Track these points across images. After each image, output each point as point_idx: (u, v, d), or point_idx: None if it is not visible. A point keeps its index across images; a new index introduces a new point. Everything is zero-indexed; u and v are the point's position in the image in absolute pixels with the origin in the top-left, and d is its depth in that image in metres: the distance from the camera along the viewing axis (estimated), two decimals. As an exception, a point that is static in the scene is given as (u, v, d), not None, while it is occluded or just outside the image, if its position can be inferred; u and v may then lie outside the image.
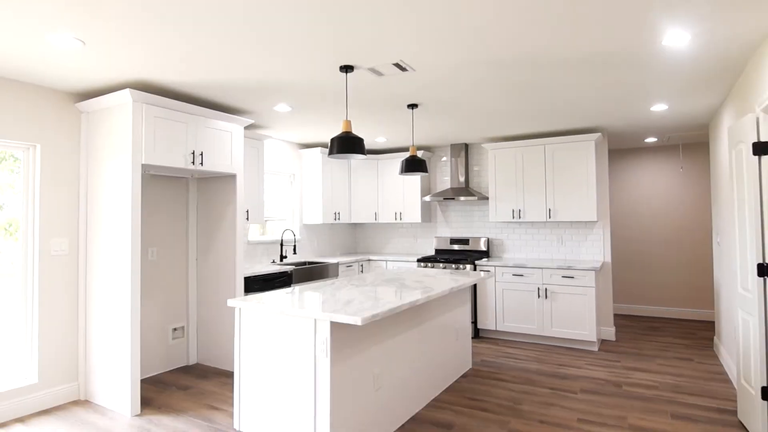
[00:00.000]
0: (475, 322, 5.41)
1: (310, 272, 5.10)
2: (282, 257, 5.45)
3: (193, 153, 3.73)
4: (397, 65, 3.03)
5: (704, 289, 6.19)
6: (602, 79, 3.37)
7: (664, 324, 6.04)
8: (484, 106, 4.12)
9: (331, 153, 2.97)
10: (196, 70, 3.14)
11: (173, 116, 3.61)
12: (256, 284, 4.42)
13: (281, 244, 5.47)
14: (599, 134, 5.05)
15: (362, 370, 2.72)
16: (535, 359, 4.55)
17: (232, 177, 4.24)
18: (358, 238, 7.02)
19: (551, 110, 4.30)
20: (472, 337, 5.37)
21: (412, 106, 4.06)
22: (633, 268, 6.60)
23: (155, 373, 4.15)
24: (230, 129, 4.09)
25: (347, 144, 2.97)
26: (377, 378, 2.84)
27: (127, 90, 3.28)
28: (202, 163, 3.79)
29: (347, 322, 2.31)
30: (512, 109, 4.27)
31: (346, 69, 3.07)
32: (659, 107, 4.20)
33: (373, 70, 3.13)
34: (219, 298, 4.32)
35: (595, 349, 4.86)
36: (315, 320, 2.49)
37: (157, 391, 3.73)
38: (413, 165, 3.94)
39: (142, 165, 3.45)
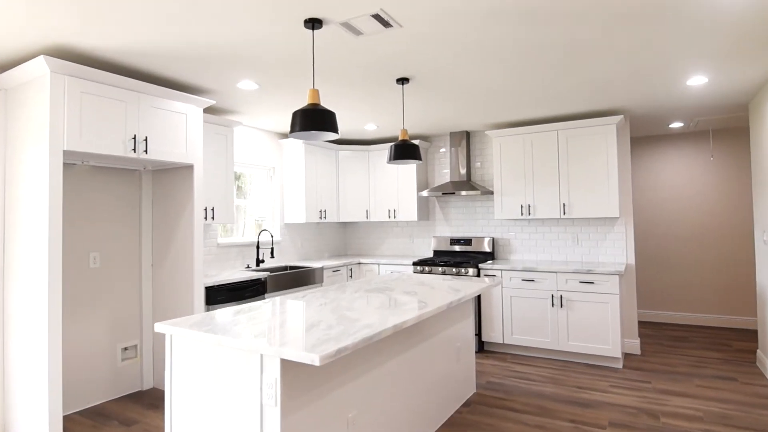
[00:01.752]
0: (479, 334, 4.73)
1: (289, 279, 4.43)
2: (258, 261, 4.79)
3: (135, 138, 3.07)
4: (378, 18, 2.36)
5: (741, 292, 5.50)
6: (630, 41, 2.69)
7: (692, 333, 5.35)
8: (485, 82, 3.44)
9: (293, 131, 2.30)
10: (126, 32, 2.47)
11: (108, 92, 2.94)
12: (220, 295, 3.75)
13: (257, 247, 4.80)
14: (621, 117, 4.36)
15: (331, 415, 2.05)
16: (550, 380, 3.87)
17: (188, 168, 3.58)
18: (348, 238, 6.35)
19: (565, 88, 3.61)
20: (477, 352, 4.70)
21: (402, 81, 3.38)
22: (655, 269, 5.90)
23: (98, 402, 3.48)
24: (185, 110, 3.42)
25: (313, 118, 2.30)
26: (353, 424, 2.17)
27: (41, 58, 2.62)
28: (146, 151, 3.13)
29: (301, 361, 1.65)
30: (518, 87, 3.58)
31: (313, 24, 2.40)
32: (697, 80, 3.51)
33: (348, 26, 2.46)
34: (178, 311, 3.65)
35: (620, 366, 4.18)
36: (261, 356, 1.83)
37: (93, 428, 3.06)
38: (404, 151, 3.27)
39: (65, 152, 2.78)
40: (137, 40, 2.62)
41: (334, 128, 2.36)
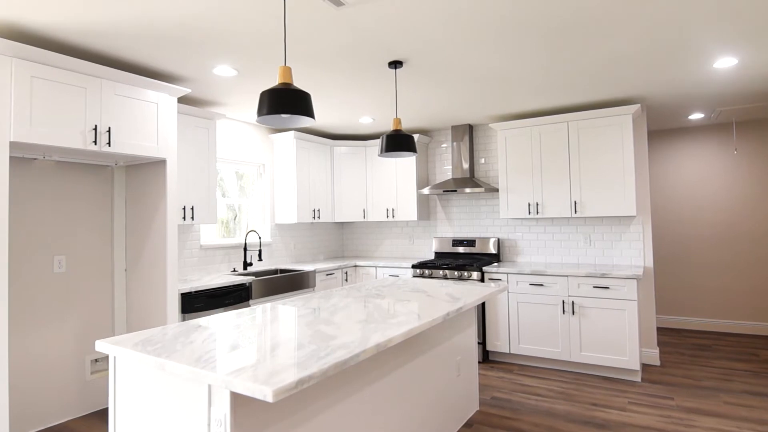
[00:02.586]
0: (483, 343, 4.37)
1: (277, 283, 4.10)
2: (246, 265, 4.46)
3: (96, 129, 2.75)
4: (359, -17, 2.02)
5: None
6: (651, 13, 2.33)
7: (714, 340, 4.95)
8: (486, 66, 3.09)
9: (260, 114, 1.97)
10: (83, 8, 2.15)
11: (64, 78, 2.63)
12: (198, 302, 3.43)
13: (245, 249, 4.48)
14: (638, 106, 3.99)
15: (301, 452, 1.71)
16: (562, 395, 3.51)
17: (160, 163, 3.26)
18: (345, 239, 6.01)
19: (575, 71, 3.25)
20: (481, 362, 4.34)
21: (395, 64, 3.04)
22: (674, 271, 5.51)
23: (62, 421, 3.17)
24: (156, 99, 3.11)
25: (284, 100, 1.96)
26: (329, 460, 1.84)
27: (-18, 36, 2.31)
28: (109, 144, 2.81)
29: (250, 395, 1.31)
30: (523, 72, 3.23)
31: (284, -9, 2.07)
32: (726, 62, 3.13)
33: (326, -5, 2.12)
34: (151, 320, 3.34)
35: (638, 379, 3.80)
36: (209, 386, 1.49)
37: (51, 452, 2.75)
38: (397, 142, 2.92)
39: (12, 144, 2.47)
40: (97, 18, 2.30)
41: (308, 112, 2.03)
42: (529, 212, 4.47)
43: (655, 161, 5.63)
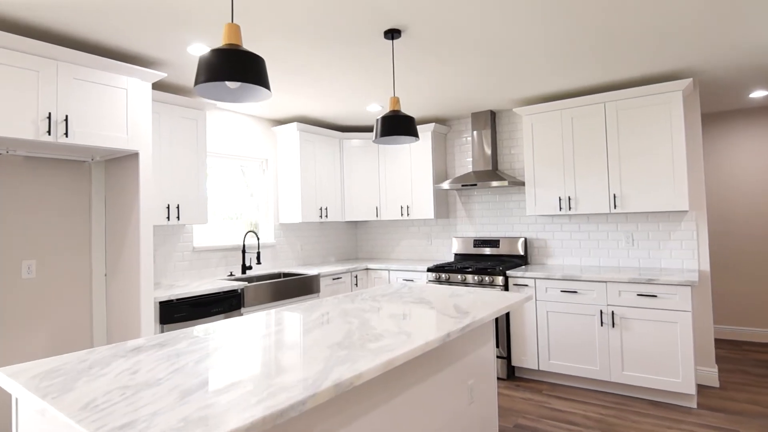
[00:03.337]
0: (507, 358, 3.84)
1: (274, 290, 3.71)
2: (244, 268, 4.10)
3: (50, 118, 2.42)
4: None
5: None
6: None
7: (785, 356, 4.23)
8: (504, 37, 2.58)
9: (197, 82, 1.55)
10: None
11: (12, 59, 2.32)
12: (180, 311, 3.08)
13: (243, 251, 4.12)
14: (689, 81, 3.37)
15: None
16: (600, 424, 2.95)
17: (134, 157, 2.92)
18: (359, 240, 5.59)
19: (612, 40, 2.69)
20: (504, 379, 3.81)
21: (392, 33, 2.57)
22: (732, 275, 4.79)
23: (31, 443, 2.88)
24: (125, 85, 2.77)
25: (229, 64, 1.54)
26: None
27: None
28: (66, 134, 2.48)
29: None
30: (550, 43, 2.69)
31: (232, -69, 1.64)
32: (808, 17, 2.51)
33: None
34: (128, 332, 3.01)
35: (693, 404, 3.19)
36: (88, 445, 1.09)
37: (6, 483, 2.45)
38: (394, 125, 2.46)
39: (-54, 133, 2.17)
40: (21, -20, 1.97)
41: (262, 81, 1.60)
42: (560, 208, 3.90)
43: (709, 148, 4.91)
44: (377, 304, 2.47)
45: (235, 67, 1.56)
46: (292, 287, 3.86)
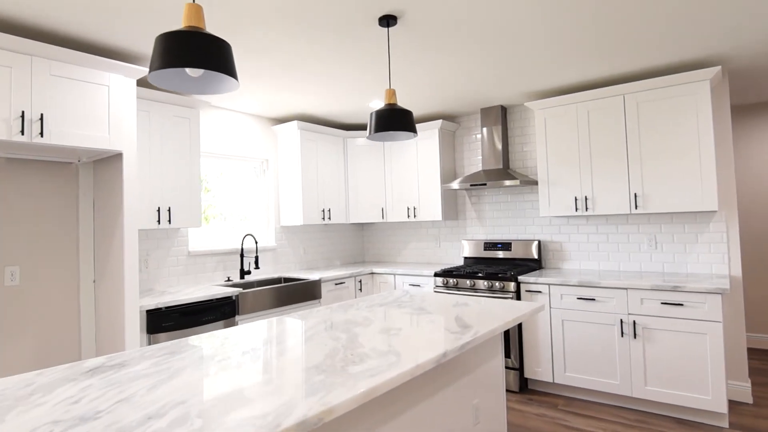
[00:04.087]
0: (520, 369, 3.59)
1: (271, 296, 3.53)
2: (243, 273, 3.94)
3: (23, 116, 2.28)
4: None
5: None
6: None
7: (825, 368, 3.88)
8: (508, 21, 2.34)
9: (152, 68, 1.37)
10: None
11: (-19, 55, 2.18)
12: (170, 319, 2.92)
13: (242, 255, 3.95)
14: (717, 69, 3.08)
15: None
16: (621, 446, 2.69)
17: (117, 157, 2.77)
18: (366, 243, 5.39)
19: (633, 25, 2.43)
20: (517, 392, 3.57)
21: (387, 20, 2.36)
22: (766, 280, 4.44)
23: (13, 459, 2.75)
24: (107, 81, 2.61)
25: (188, 48, 1.35)
26: None
27: None
28: (42, 134, 2.33)
29: None
30: (563, 29, 2.45)
31: None
32: None
33: None
34: (116, 343, 2.86)
35: (725, 424, 2.90)
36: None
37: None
38: (389, 120, 2.25)
39: None
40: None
41: (228, 69, 1.41)
42: (576, 208, 3.64)
43: (740, 143, 4.58)
44: (372, 314, 2.26)
45: (197, 51, 1.37)
46: (292, 293, 3.68)
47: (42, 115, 2.33)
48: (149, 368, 1.50)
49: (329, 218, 4.51)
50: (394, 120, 2.22)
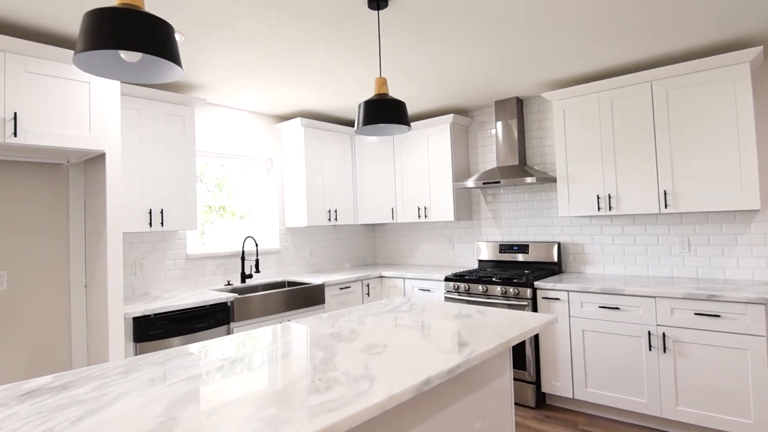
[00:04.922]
0: (536, 383, 3.31)
1: (269, 302, 3.36)
2: (244, 276, 3.79)
3: (-5, 114, 2.17)
4: None
5: None
6: None
7: None
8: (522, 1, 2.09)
9: (77, 51, 1.19)
10: None
11: (-50, 51, 2.07)
12: (158, 327, 2.78)
13: (242, 258, 3.80)
14: (759, 49, 2.73)
15: None
16: (647, 475, 2.39)
17: (100, 158, 2.64)
18: (377, 244, 5.17)
19: (659, 3, 2.14)
20: (533, 407, 3.29)
21: (378, 2, 2.14)
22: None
23: (-1, 471, 2.66)
24: (87, 77, 2.49)
25: (122, 27, 1.17)
26: None
27: None
28: (15, 134, 2.22)
29: None
30: (582, 8, 2.17)
31: None
32: None
33: None
34: (102, 352, 2.74)
35: (770, 451, 2.56)
36: None
37: None
38: (379, 111, 2.03)
39: None
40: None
41: (171, 55, 1.23)
42: (599, 208, 3.33)
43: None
44: (361, 327, 2.05)
45: (133, 32, 1.19)
46: (292, 298, 3.50)
47: (15, 114, 2.21)
48: (90, 392, 1.33)
49: (336, 219, 4.32)
50: (385, 112, 2.00)
